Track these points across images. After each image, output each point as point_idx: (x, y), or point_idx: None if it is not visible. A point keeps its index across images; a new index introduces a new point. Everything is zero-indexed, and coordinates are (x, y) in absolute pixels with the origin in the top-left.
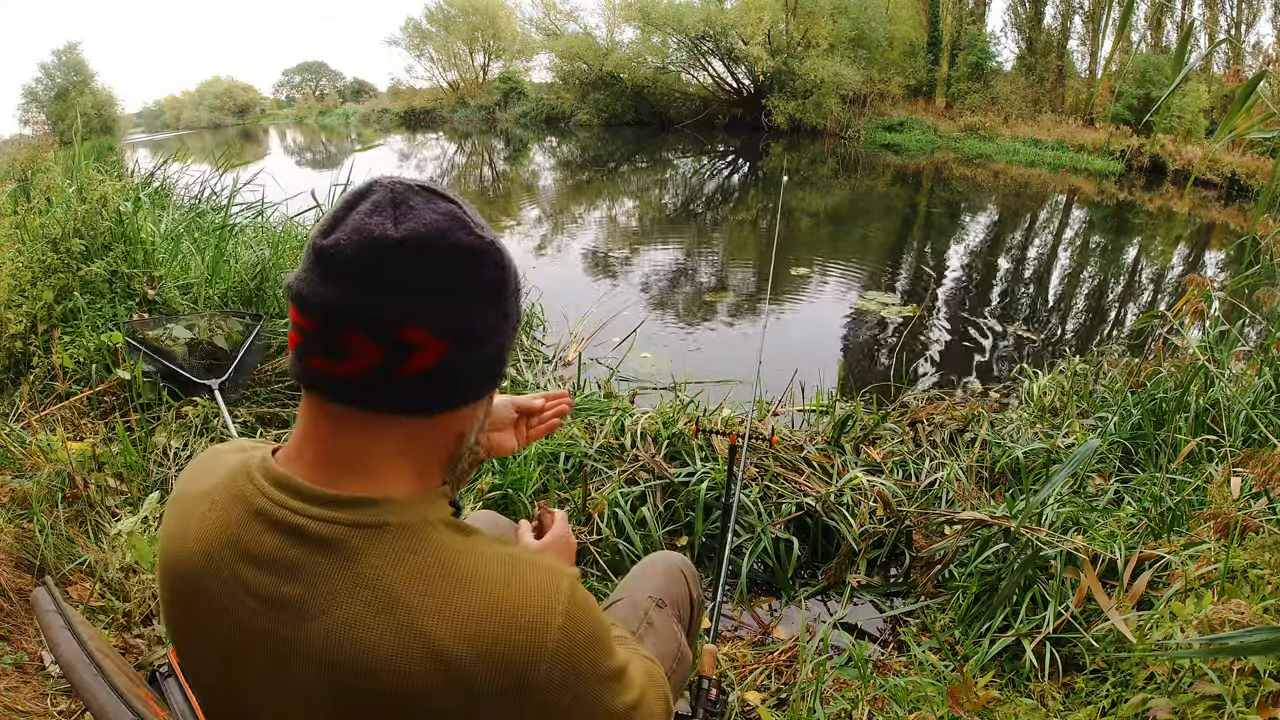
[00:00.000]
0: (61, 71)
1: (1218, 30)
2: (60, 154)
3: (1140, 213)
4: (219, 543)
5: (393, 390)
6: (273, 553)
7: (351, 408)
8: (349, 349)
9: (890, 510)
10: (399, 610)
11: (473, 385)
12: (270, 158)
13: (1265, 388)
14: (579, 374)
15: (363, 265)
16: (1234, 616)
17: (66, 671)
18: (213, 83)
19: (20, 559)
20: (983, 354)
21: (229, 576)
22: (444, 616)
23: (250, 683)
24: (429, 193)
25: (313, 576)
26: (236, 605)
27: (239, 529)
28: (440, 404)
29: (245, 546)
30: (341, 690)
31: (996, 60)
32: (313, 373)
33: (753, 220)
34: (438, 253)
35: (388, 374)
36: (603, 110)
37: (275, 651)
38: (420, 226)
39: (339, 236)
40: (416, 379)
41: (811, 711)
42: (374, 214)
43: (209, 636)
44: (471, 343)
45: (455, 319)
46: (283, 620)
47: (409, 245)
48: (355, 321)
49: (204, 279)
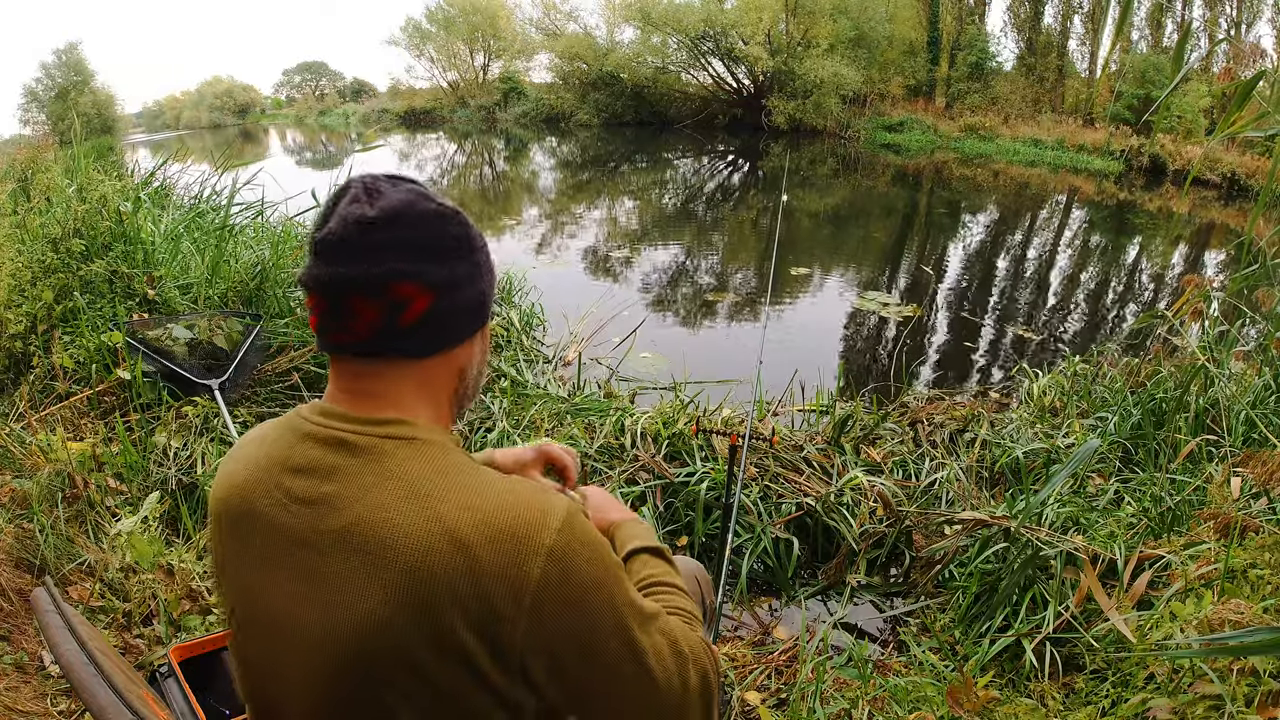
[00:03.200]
0: (61, 71)
1: (1218, 30)
2: (60, 154)
3: (1140, 213)
4: (267, 465)
5: (398, 338)
6: (315, 461)
7: (369, 360)
8: (355, 312)
9: (890, 510)
10: (423, 499)
11: (463, 325)
12: (270, 158)
13: (1265, 388)
14: (579, 374)
15: (351, 242)
16: (1234, 616)
17: (66, 671)
18: (213, 83)
19: (20, 559)
20: (983, 354)
21: (275, 487)
22: (461, 508)
23: (289, 590)
24: (395, 179)
25: (349, 474)
26: (280, 511)
27: (287, 449)
28: (439, 344)
29: (291, 461)
30: (374, 571)
31: (996, 60)
32: (334, 341)
33: (753, 220)
34: (407, 219)
35: (391, 326)
36: (603, 110)
37: (317, 544)
38: (389, 203)
39: (330, 227)
40: (415, 325)
41: (811, 711)
42: (353, 203)
43: (251, 553)
44: (453, 289)
45: (434, 272)
46: (322, 514)
47: (383, 217)
48: (354, 288)
49: (204, 279)
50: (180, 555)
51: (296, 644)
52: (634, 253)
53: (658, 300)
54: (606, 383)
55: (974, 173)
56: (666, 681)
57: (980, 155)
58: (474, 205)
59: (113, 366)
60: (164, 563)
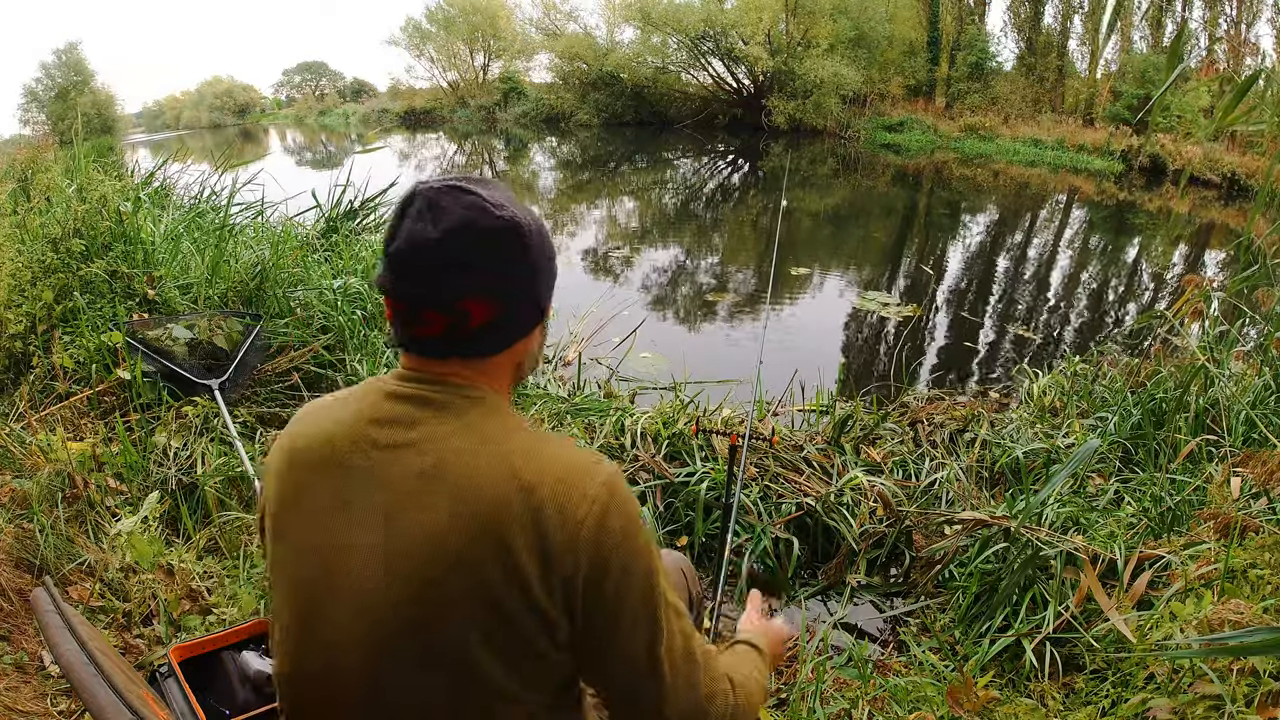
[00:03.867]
0: (61, 71)
1: (1218, 30)
2: (60, 154)
3: (1140, 213)
4: (354, 419)
5: (464, 342)
6: (399, 414)
7: (437, 358)
8: (426, 320)
9: (890, 510)
10: (495, 446)
11: (522, 326)
12: (270, 158)
13: (1265, 388)
14: (579, 374)
15: (418, 264)
16: (1234, 616)
17: (66, 671)
18: (213, 83)
19: (20, 559)
20: (983, 354)
21: (361, 438)
22: (525, 455)
23: (362, 518)
24: (456, 191)
25: (429, 424)
26: (363, 457)
27: (371, 405)
28: (500, 345)
29: (375, 414)
30: (453, 504)
31: (996, 60)
32: (408, 337)
33: (753, 220)
34: (469, 240)
35: (457, 333)
36: (603, 110)
37: (399, 486)
38: (451, 223)
39: (399, 245)
40: (479, 331)
41: (811, 711)
42: (418, 220)
43: (328, 491)
44: (512, 297)
45: (494, 284)
46: (405, 457)
47: (445, 240)
48: (425, 303)
49: (204, 279)
50: (180, 555)
51: (369, 577)
52: (634, 253)
53: (658, 300)
54: (606, 383)
55: (974, 173)
56: (671, 672)
57: (980, 155)
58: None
59: (113, 366)
60: (164, 563)
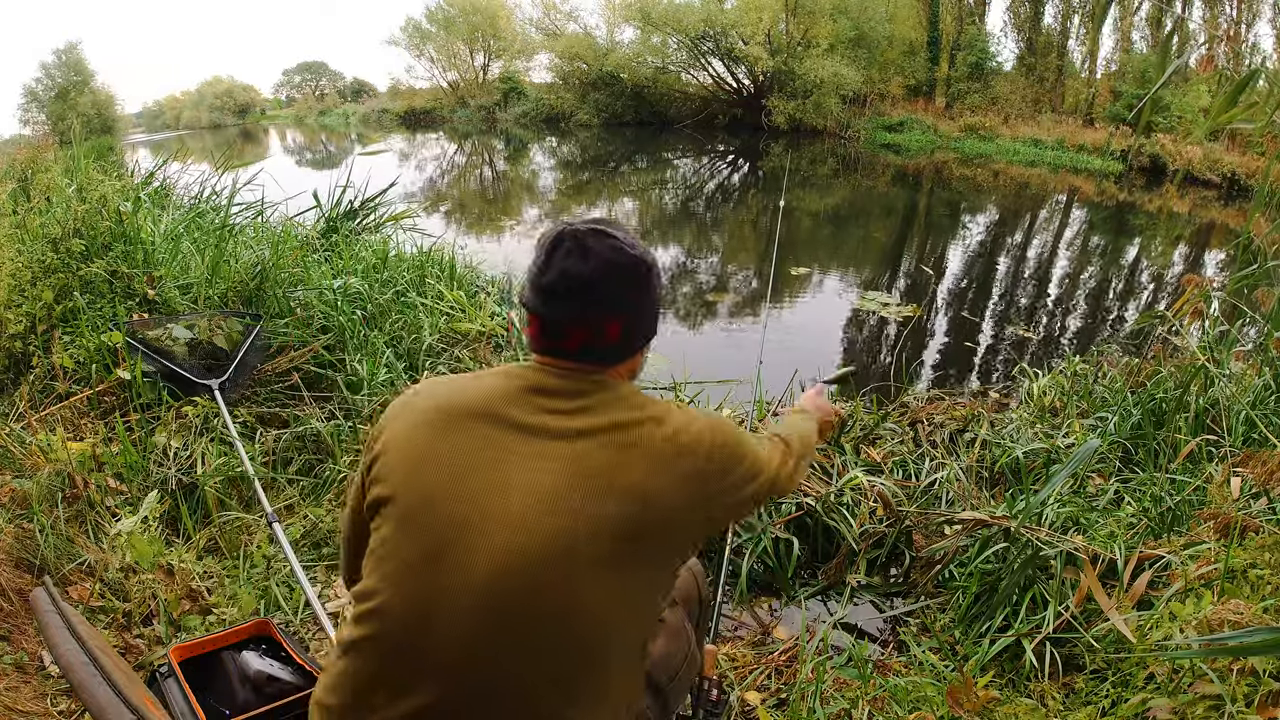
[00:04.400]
0: (61, 71)
1: (1217, 30)
2: (60, 154)
3: (1140, 213)
4: (505, 390)
5: (596, 354)
6: (562, 387)
7: (572, 362)
8: (569, 335)
9: (890, 510)
10: (648, 412)
11: (638, 342)
12: (270, 158)
13: (1265, 388)
14: None
15: (571, 296)
16: (1234, 617)
17: (66, 671)
18: (213, 83)
19: (20, 559)
20: (983, 354)
21: (524, 401)
22: (668, 416)
23: (526, 473)
24: (599, 235)
25: (594, 395)
26: (534, 416)
27: (524, 381)
28: (625, 356)
29: (537, 385)
30: (633, 457)
31: (996, 60)
32: (548, 349)
33: (753, 220)
34: (614, 275)
35: (593, 346)
36: (603, 110)
37: (576, 439)
38: (599, 261)
39: (551, 278)
40: (610, 345)
41: (811, 711)
42: (568, 257)
43: (485, 445)
44: (639, 319)
45: (626, 308)
46: (580, 418)
47: (595, 276)
48: (575, 324)
49: (204, 279)
50: (180, 555)
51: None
52: None
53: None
54: None
55: (974, 173)
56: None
57: (980, 155)
58: (474, 206)
59: (113, 366)
60: (164, 563)
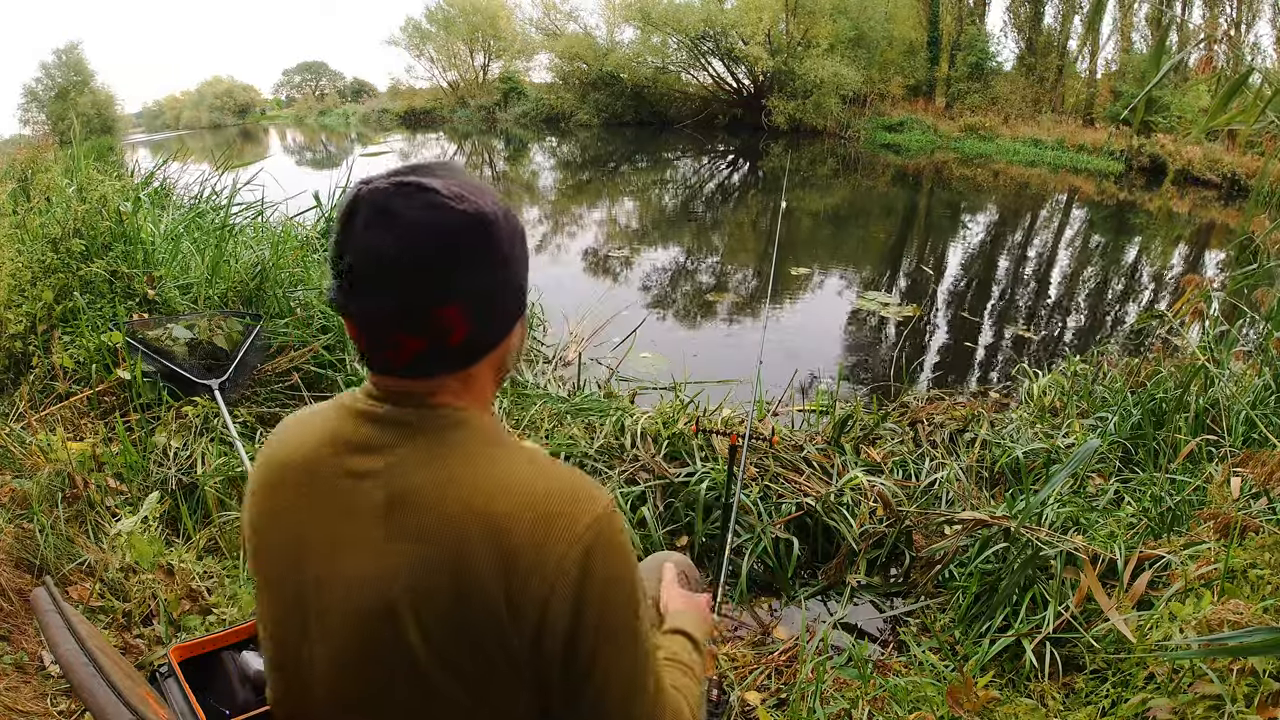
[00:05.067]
0: (61, 71)
1: (1217, 31)
2: (60, 154)
3: (1140, 213)
4: (323, 439)
5: (444, 360)
6: (369, 438)
7: (411, 377)
8: (399, 344)
9: (890, 510)
10: (467, 477)
11: (501, 327)
12: (270, 158)
13: (1265, 388)
14: (579, 374)
15: (376, 279)
16: (1233, 617)
17: (66, 671)
18: (213, 83)
19: (20, 559)
20: (983, 354)
21: (330, 460)
22: (503, 487)
23: (329, 548)
24: (405, 188)
25: (400, 452)
26: (338, 480)
27: (341, 426)
28: (482, 353)
29: (346, 437)
30: (419, 541)
31: (996, 60)
32: (381, 361)
33: (753, 220)
34: (433, 243)
35: (436, 351)
36: (603, 110)
37: (365, 511)
38: (408, 226)
39: (350, 259)
40: (459, 346)
41: (811, 711)
42: (368, 229)
43: (301, 515)
44: (488, 299)
45: (467, 289)
46: (372, 486)
47: (405, 250)
48: (394, 324)
49: (204, 279)
50: (180, 555)
51: (333, 590)
52: (634, 253)
53: (658, 300)
54: (606, 383)
55: (974, 173)
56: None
57: (980, 155)
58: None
59: (113, 366)
60: (164, 563)
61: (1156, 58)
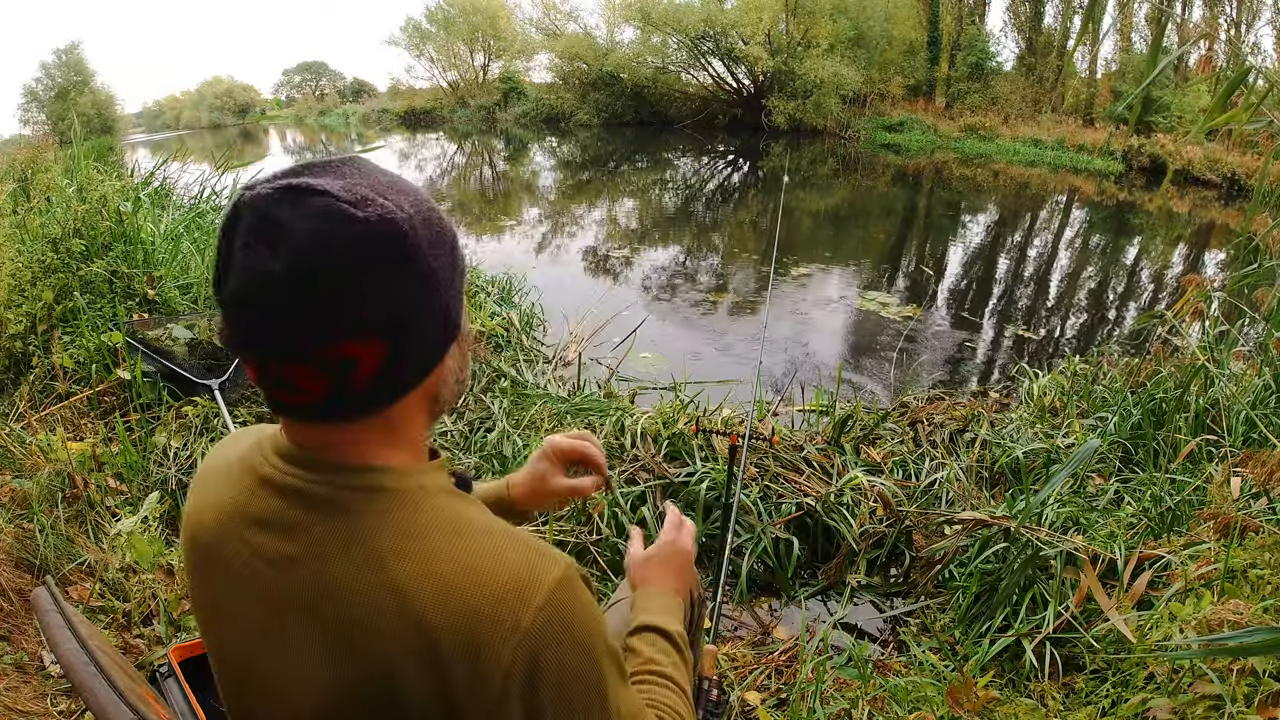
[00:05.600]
0: (61, 71)
1: (1217, 30)
2: (60, 154)
3: (1140, 213)
4: (230, 511)
5: (354, 402)
6: (275, 514)
7: (322, 422)
8: (295, 382)
9: (890, 510)
10: (386, 570)
11: (426, 358)
12: (270, 158)
13: (1265, 388)
14: (579, 374)
15: (262, 308)
16: (1233, 617)
17: (67, 671)
18: (213, 83)
19: (20, 559)
20: (983, 354)
21: (239, 541)
22: (424, 579)
23: (255, 645)
24: (294, 193)
25: (309, 534)
26: (245, 567)
27: (248, 496)
28: (402, 391)
29: (252, 511)
30: (331, 643)
31: (996, 60)
32: (279, 404)
33: (753, 220)
34: (325, 266)
35: (343, 392)
36: (603, 110)
37: (275, 608)
38: (296, 247)
39: (232, 285)
40: (371, 384)
41: (811, 711)
42: (250, 247)
43: (225, 602)
44: (406, 327)
45: (375, 316)
46: (284, 578)
47: (295, 272)
48: (284, 358)
49: (204, 279)
50: (180, 555)
51: (262, 693)
52: (634, 253)
53: (658, 300)
54: (606, 383)
55: (974, 173)
56: None
57: (980, 155)
58: (474, 206)
59: (113, 366)
60: (164, 563)
61: (1154, 54)
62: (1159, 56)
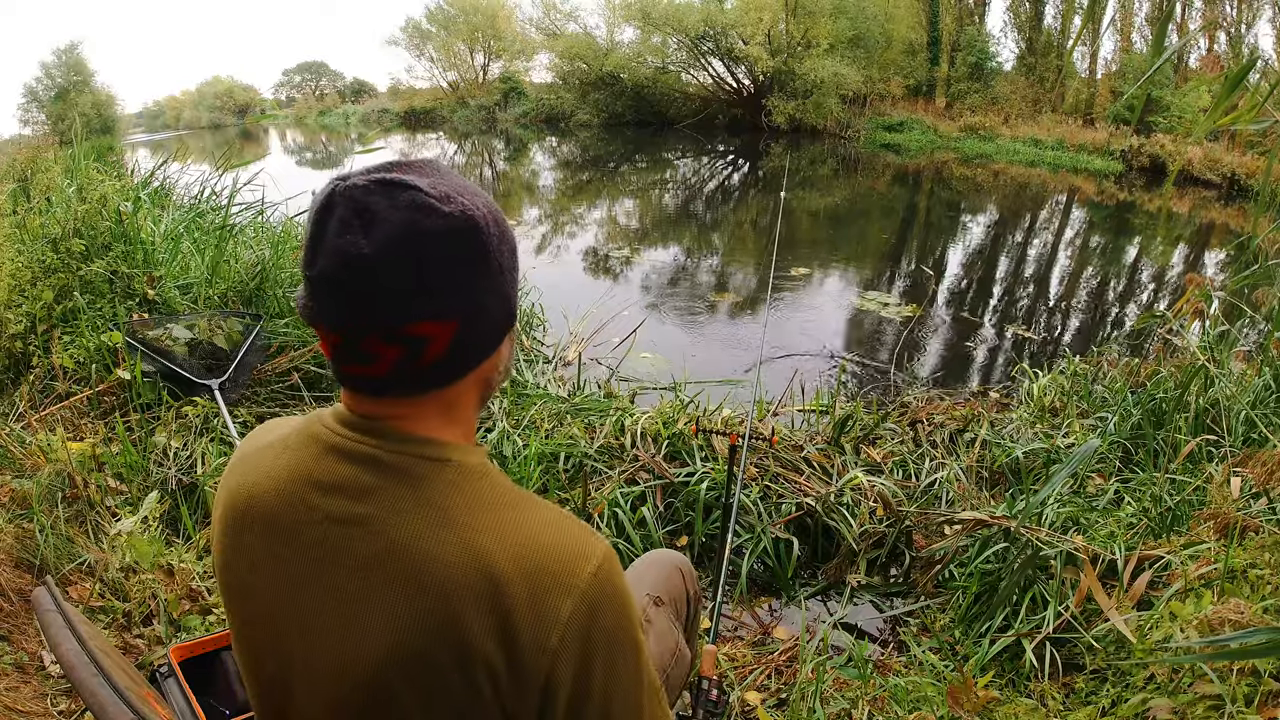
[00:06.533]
0: (61, 71)
1: (1216, 31)
2: (60, 154)
3: (1140, 213)
4: (292, 478)
5: (420, 377)
6: (347, 479)
7: (387, 397)
8: (372, 354)
9: (890, 510)
10: (459, 528)
11: (488, 342)
12: (270, 158)
13: (1265, 388)
14: (579, 374)
15: (352, 285)
16: (1234, 617)
17: (67, 671)
18: (213, 83)
19: (20, 559)
20: (983, 354)
21: (301, 505)
22: (497, 538)
23: (312, 611)
24: (386, 186)
25: (384, 497)
26: (312, 529)
27: (313, 463)
28: (464, 370)
29: (319, 477)
30: (406, 598)
31: (996, 60)
32: (350, 376)
33: (753, 220)
34: (412, 251)
35: (412, 366)
36: (603, 110)
37: (344, 564)
38: (388, 232)
39: (323, 265)
40: (439, 361)
41: (811, 711)
42: (344, 232)
43: (274, 569)
44: (474, 311)
45: (452, 299)
46: (355, 536)
47: (385, 256)
48: (366, 332)
49: (204, 279)
50: (180, 555)
51: (316, 655)
52: (634, 253)
53: (658, 300)
54: (606, 383)
55: (974, 173)
56: None
57: (980, 155)
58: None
59: (113, 366)
60: (164, 563)
61: (1156, 50)
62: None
